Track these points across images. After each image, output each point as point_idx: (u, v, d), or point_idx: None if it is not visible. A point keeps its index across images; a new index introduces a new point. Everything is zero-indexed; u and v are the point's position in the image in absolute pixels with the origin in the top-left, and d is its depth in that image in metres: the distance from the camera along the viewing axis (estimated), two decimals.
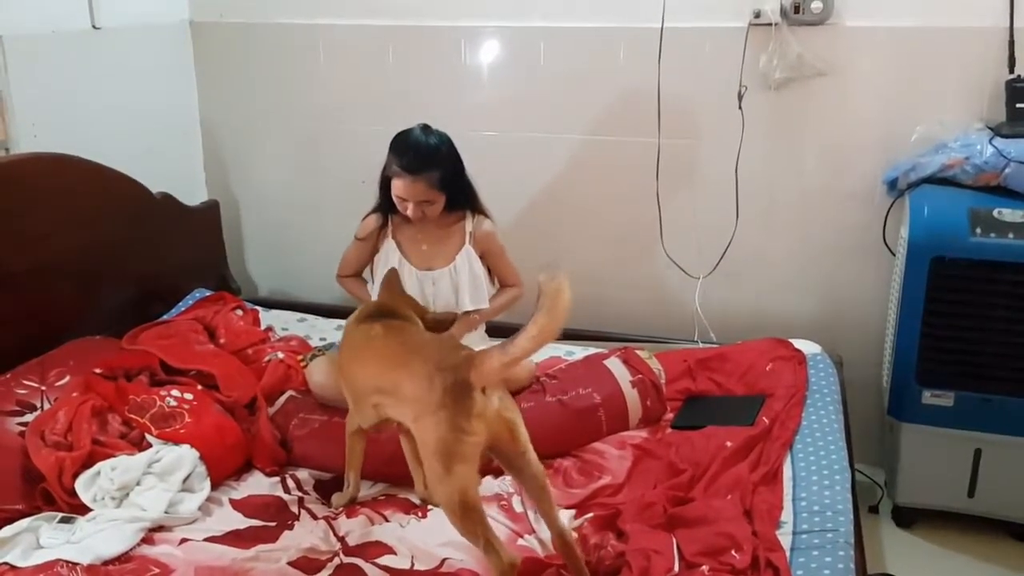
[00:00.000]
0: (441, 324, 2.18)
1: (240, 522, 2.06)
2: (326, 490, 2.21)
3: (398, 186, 2.39)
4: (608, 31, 2.90)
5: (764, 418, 2.32)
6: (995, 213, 2.36)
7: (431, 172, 2.37)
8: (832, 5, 2.65)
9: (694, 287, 2.98)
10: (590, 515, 2.04)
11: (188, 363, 2.54)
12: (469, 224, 2.55)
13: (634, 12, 2.84)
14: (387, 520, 2.07)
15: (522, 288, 2.63)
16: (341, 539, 1.99)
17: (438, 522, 2.03)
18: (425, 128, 2.44)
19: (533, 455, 1.81)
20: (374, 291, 2.51)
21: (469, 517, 1.70)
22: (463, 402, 1.68)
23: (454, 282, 2.53)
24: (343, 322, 2.58)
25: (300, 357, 2.69)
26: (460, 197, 2.49)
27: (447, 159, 2.42)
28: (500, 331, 2.53)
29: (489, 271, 2.62)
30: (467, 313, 2.54)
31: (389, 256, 2.53)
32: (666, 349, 2.78)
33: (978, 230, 2.35)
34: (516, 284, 2.64)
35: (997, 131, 2.51)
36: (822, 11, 2.65)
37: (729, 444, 2.20)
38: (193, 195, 3.32)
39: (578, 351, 2.75)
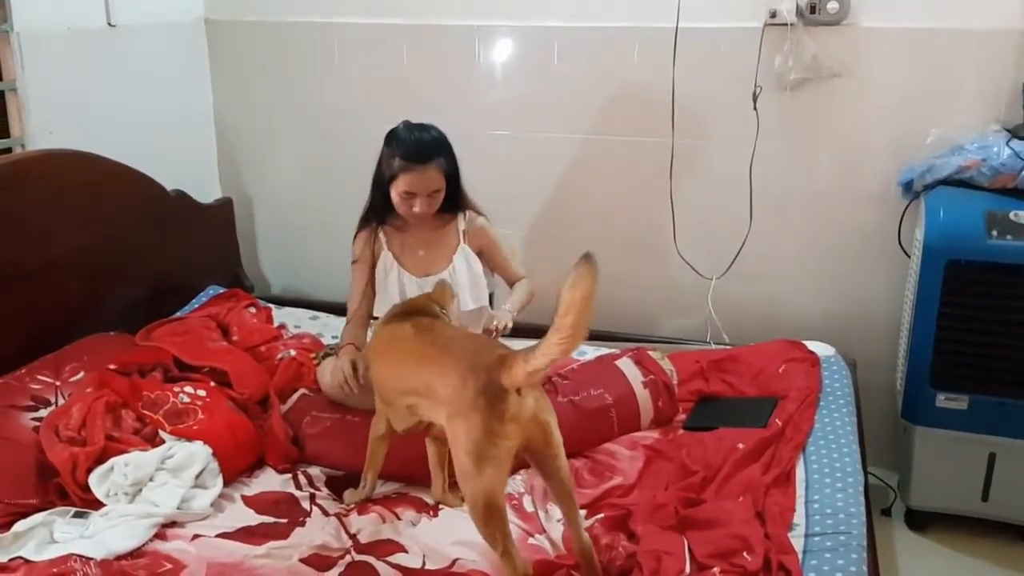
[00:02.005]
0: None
1: (252, 518, 2.07)
2: (337, 487, 2.22)
3: (407, 181, 2.34)
4: (622, 31, 2.90)
5: (777, 420, 2.31)
6: (1012, 216, 2.35)
7: (438, 159, 2.35)
8: (848, 6, 2.64)
9: (707, 288, 2.97)
10: (601, 516, 2.04)
11: (201, 360, 2.55)
12: (462, 223, 2.52)
13: (649, 12, 2.84)
14: (399, 518, 2.07)
15: (528, 279, 2.60)
16: (353, 536, 2.00)
17: (450, 521, 2.05)
18: (411, 123, 2.40)
19: (564, 460, 1.80)
20: (382, 307, 2.47)
21: (492, 520, 1.70)
22: (497, 405, 1.66)
23: (454, 284, 2.50)
24: None
25: (312, 355, 2.70)
26: (456, 191, 2.46)
27: (447, 146, 2.40)
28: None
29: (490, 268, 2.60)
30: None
31: (387, 268, 2.49)
32: (678, 350, 2.77)
33: (994, 233, 2.33)
34: (522, 276, 2.61)
35: (1014, 133, 2.49)
36: (838, 12, 2.64)
37: (741, 446, 2.20)
38: (207, 193, 3.34)
39: (590, 351, 2.75)
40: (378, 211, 2.48)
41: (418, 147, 2.34)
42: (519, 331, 2.35)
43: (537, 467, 1.83)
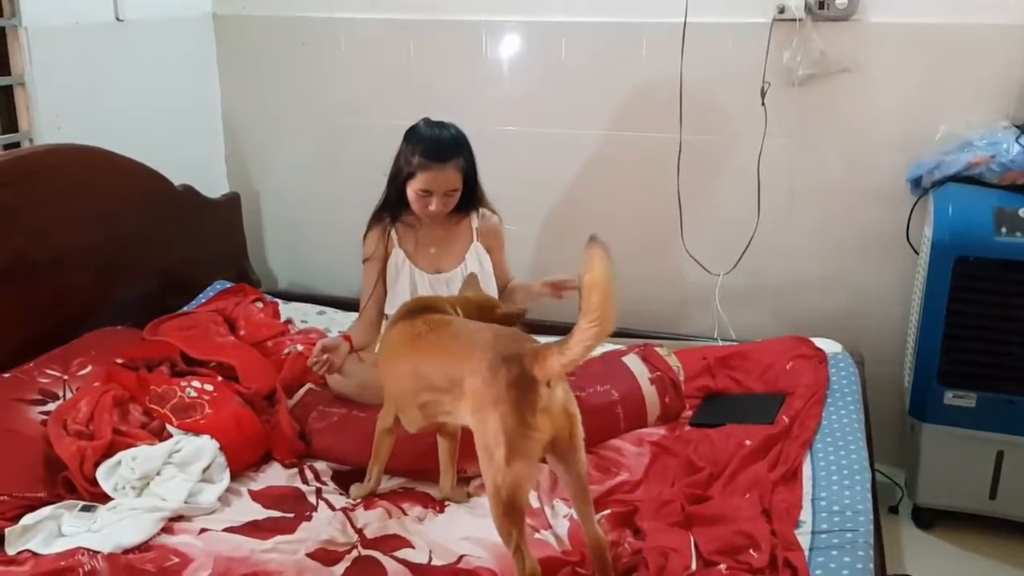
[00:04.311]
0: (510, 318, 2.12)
1: (259, 513, 2.07)
2: (344, 481, 2.22)
3: (425, 179, 2.32)
4: (630, 26, 2.89)
5: (784, 417, 2.31)
6: (1021, 212, 2.33)
7: (457, 158, 2.34)
8: (857, 1, 2.63)
9: (714, 284, 2.97)
10: (607, 512, 2.04)
11: (208, 354, 2.56)
12: (475, 220, 2.52)
13: (657, 7, 2.83)
14: (405, 514, 2.07)
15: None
16: (359, 531, 2.00)
17: (456, 517, 2.05)
18: (431, 121, 2.40)
19: (584, 455, 1.78)
20: (393, 305, 2.45)
21: (511, 514, 1.68)
22: (529, 396, 1.64)
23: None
24: None
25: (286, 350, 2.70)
26: (472, 190, 2.45)
27: (466, 145, 2.39)
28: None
29: None
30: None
31: (399, 265, 2.48)
32: (685, 346, 2.76)
33: (1003, 230, 2.32)
34: (512, 279, 2.61)
35: None
36: (847, 7, 2.62)
37: (748, 442, 2.19)
38: (214, 187, 3.34)
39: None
40: (392, 207, 2.47)
41: (438, 145, 2.33)
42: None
43: (557, 462, 1.79)
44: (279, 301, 3.12)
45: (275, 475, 2.24)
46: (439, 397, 1.85)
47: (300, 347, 2.70)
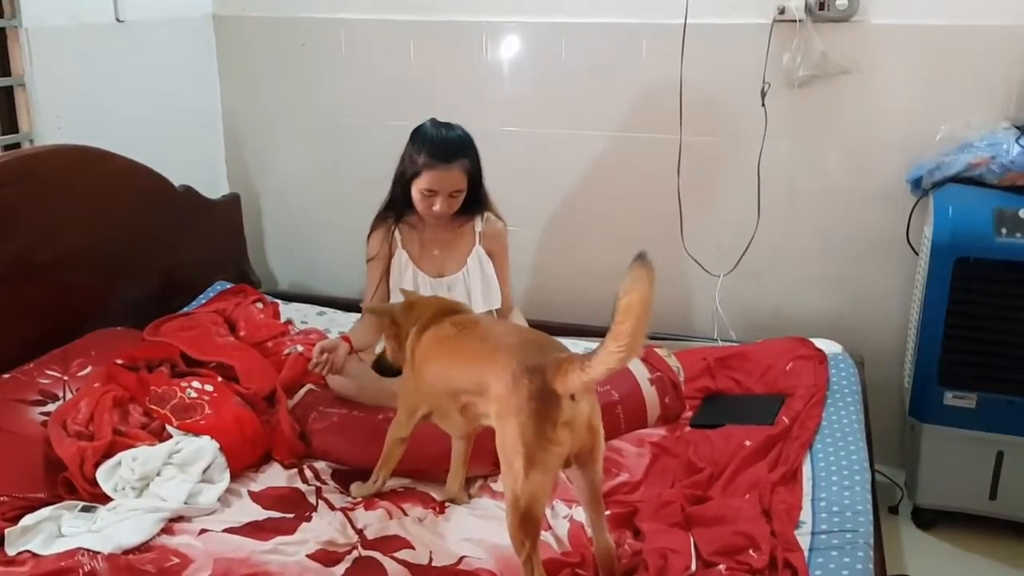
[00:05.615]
0: None
1: (258, 513, 2.07)
2: (344, 480, 2.22)
3: (430, 178, 2.31)
4: (631, 27, 2.89)
5: (784, 417, 2.31)
6: (1021, 213, 2.33)
7: (463, 159, 2.34)
8: (858, 2, 2.63)
9: (714, 285, 2.97)
10: (607, 513, 2.03)
11: (209, 355, 2.56)
12: (479, 224, 2.51)
13: (657, 8, 2.83)
14: (405, 514, 2.07)
15: (516, 309, 2.60)
16: (359, 532, 2.00)
17: (457, 518, 2.05)
18: (437, 121, 2.40)
19: (601, 465, 1.78)
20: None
21: (527, 524, 1.67)
22: (550, 410, 1.62)
23: (467, 286, 2.49)
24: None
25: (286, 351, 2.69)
26: (477, 193, 2.45)
27: (472, 147, 2.39)
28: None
29: None
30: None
31: (402, 267, 2.47)
32: (686, 347, 2.77)
33: (1003, 231, 2.32)
34: (511, 308, 2.59)
35: None
36: (847, 8, 2.62)
37: (748, 443, 2.19)
38: (214, 188, 3.34)
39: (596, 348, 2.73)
40: (397, 207, 2.47)
41: (444, 145, 2.33)
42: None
43: (575, 469, 1.78)
44: (279, 302, 3.12)
45: (275, 475, 2.24)
46: (472, 399, 1.84)
47: (300, 348, 2.70)
